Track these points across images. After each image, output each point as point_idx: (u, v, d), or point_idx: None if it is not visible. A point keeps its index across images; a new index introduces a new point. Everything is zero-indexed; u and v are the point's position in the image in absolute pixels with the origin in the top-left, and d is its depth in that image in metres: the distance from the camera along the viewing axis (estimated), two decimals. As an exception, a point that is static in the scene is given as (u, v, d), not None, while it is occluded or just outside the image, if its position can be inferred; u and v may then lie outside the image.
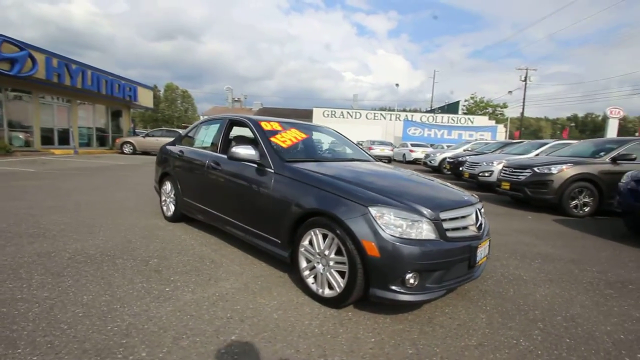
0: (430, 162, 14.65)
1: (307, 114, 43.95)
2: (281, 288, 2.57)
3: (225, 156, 3.39)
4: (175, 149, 4.27)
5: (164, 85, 51.21)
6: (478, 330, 2.11)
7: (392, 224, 2.06)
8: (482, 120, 33.49)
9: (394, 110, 35.92)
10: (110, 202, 5.30)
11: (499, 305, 2.48)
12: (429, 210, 2.15)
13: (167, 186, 4.30)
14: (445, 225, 2.17)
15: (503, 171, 7.36)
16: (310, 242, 2.40)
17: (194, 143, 4.14)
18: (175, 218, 4.19)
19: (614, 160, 6.16)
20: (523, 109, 38.87)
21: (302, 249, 2.45)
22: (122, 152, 16.47)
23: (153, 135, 17.23)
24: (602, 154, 6.43)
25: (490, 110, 46.31)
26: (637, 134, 46.95)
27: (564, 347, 1.98)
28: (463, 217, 2.32)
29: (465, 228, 2.31)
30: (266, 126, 3.28)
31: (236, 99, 51.65)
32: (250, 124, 3.33)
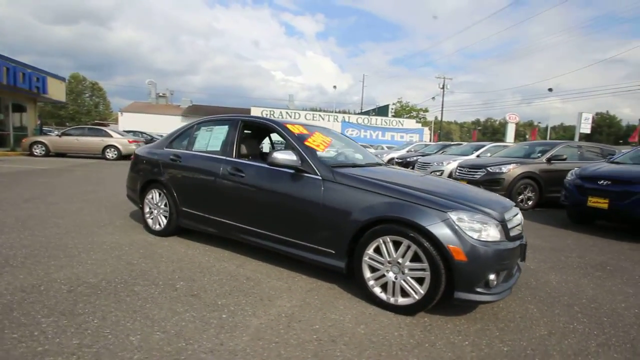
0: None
1: (246, 113, 42.73)
2: (342, 300, 2.45)
3: (245, 162, 3.13)
4: (165, 153, 3.76)
5: (68, 76, 44.42)
6: (539, 320, 2.31)
7: (472, 228, 2.13)
8: (410, 123, 36.42)
9: (332, 111, 36.91)
10: (64, 216, 4.42)
11: (535, 295, 2.74)
12: (497, 212, 2.28)
13: (154, 196, 3.76)
14: (508, 225, 2.32)
15: (459, 170, 8.13)
16: (377, 251, 2.34)
17: (192, 147, 3.68)
18: (167, 232, 3.69)
19: (548, 160, 7.27)
20: (442, 113, 43.41)
21: (366, 258, 2.38)
22: (32, 154, 13.82)
23: (71, 134, 14.78)
24: (539, 155, 7.55)
25: (414, 113, 50.58)
26: (527, 137, 55.96)
27: (607, 325, 2.28)
28: (515, 216, 2.52)
29: (515, 227, 2.50)
30: (294, 129, 3.09)
31: (161, 94, 47.26)
32: (278, 127, 3.12)
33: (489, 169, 7.36)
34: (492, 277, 2.12)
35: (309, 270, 2.94)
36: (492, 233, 2.18)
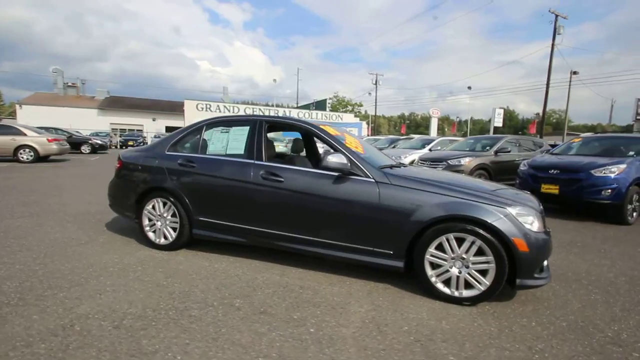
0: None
1: (174, 107, 39.30)
2: (406, 299, 2.53)
3: (283, 165, 2.98)
4: (170, 157, 3.36)
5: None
6: (567, 296, 2.68)
7: (527, 221, 2.38)
8: (349, 118, 37.70)
9: (272, 105, 36.27)
10: (25, 235, 3.67)
11: (560, 277, 3.09)
12: (536, 205, 2.58)
13: (157, 206, 3.35)
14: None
15: (420, 164, 8.76)
16: (439, 248, 2.46)
17: (205, 150, 3.35)
18: (176, 245, 3.33)
19: (496, 153, 8.26)
20: (375, 108, 45.83)
21: (427, 256, 2.49)
22: None
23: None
24: (487, 148, 8.52)
25: (350, 108, 52.45)
26: (447, 131, 62.04)
27: (614, 293, 2.76)
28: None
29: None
30: (331, 131, 3.04)
31: (69, 84, 40.97)
32: (314, 129, 3.03)
33: (449, 161, 8.07)
34: (545, 263, 2.40)
35: (352, 272, 2.95)
36: (538, 224, 2.45)
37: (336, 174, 2.76)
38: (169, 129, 36.82)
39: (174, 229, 3.33)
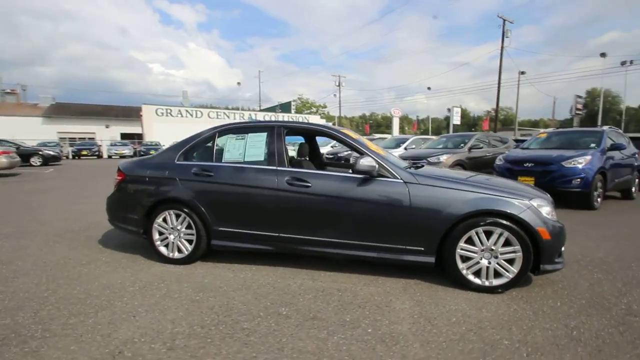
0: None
1: (129, 112, 37.01)
2: (440, 292, 2.64)
3: (309, 171, 3.00)
4: (182, 167, 3.22)
5: None
6: (575, 277, 2.96)
7: (547, 212, 2.61)
8: (315, 119, 37.95)
9: (237, 109, 35.49)
10: (13, 260, 3.32)
11: (571, 260, 3.38)
12: (548, 196, 2.82)
13: (168, 218, 3.20)
14: (553, 206, 2.90)
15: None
16: (469, 241, 2.61)
17: (221, 158, 3.24)
18: (193, 258, 3.21)
19: (469, 149, 8.80)
20: (340, 109, 46.55)
21: (458, 250, 2.63)
22: None
23: None
24: (461, 145, 9.04)
25: (314, 109, 52.78)
26: (407, 129, 64.50)
27: (610, 270, 3.08)
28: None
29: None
30: (352, 135, 3.09)
31: (8, 90, 37.15)
32: (337, 133, 3.08)
33: (429, 159, 8.46)
34: (563, 248, 2.64)
35: (378, 271, 3.02)
36: (554, 214, 2.69)
37: (362, 176, 2.83)
38: (124, 135, 34.73)
39: (189, 242, 3.20)
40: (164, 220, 3.23)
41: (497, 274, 2.60)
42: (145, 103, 30.15)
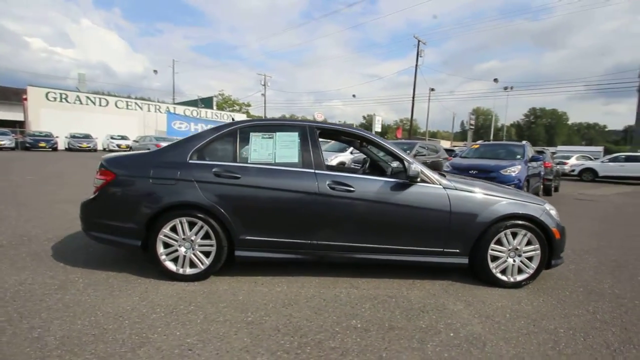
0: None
1: (6, 94, 29.70)
2: (476, 291, 2.83)
3: (352, 175, 2.92)
4: (200, 167, 2.77)
5: None
6: (576, 265, 3.51)
7: (554, 214, 3.03)
8: (241, 118, 36.50)
9: (153, 100, 31.79)
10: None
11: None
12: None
13: (178, 227, 2.73)
14: (547, 210, 3.39)
15: (354, 166, 9.42)
16: (498, 242, 2.88)
17: (246, 157, 2.87)
18: (209, 273, 2.80)
19: (414, 156, 9.62)
20: (265, 110, 45.78)
21: (490, 250, 2.87)
22: None
23: None
24: (408, 152, 9.81)
25: (237, 107, 50.79)
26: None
27: (597, 253, 3.75)
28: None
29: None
30: (384, 140, 3.09)
31: None
32: (373, 137, 3.05)
33: (381, 164, 8.98)
34: (565, 245, 3.11)
35: (409, 273, 3.08)
36: (558, 216, 3.15)
37: (402, 181, 2.87)
38: (2, 122, 27.87)
39: (206, 254, 2.77)
40: (173, 229, 2.73)
41: (520, 271, 2.93)
42: (32, 84, 24.77)
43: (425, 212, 2.84)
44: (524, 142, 8.53)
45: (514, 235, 2.89)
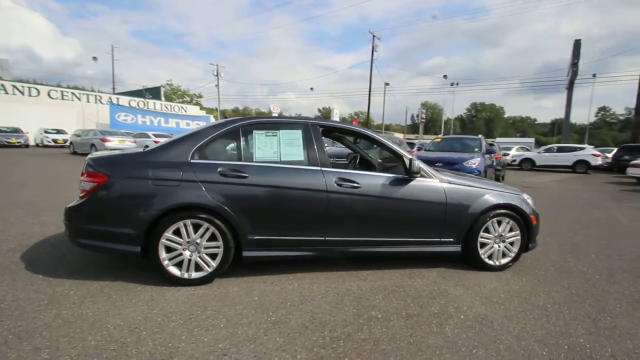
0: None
1: None
2: (468, 276, 3.08)
3: (357, 172, 3.00)
4: (204, 166, 2.66)
5: None
6: (543, 247, 3.94)
7: (531, 203, 3.39)
8: (194, 110, 34.70)
9: (93, 91, 28.91)
10: None
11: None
12: (521, 192, 3.68)
13: (182, 230, 2.61)
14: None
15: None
16: (486, 230, 3.16)
17: (251, 156, 2.80)
18: (214, 275, 2.73)
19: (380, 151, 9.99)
20: (219, 102, 43.94)
21: (479, 238, 3.15)
22: None
23: None
24: (375, 146, 10.15)
25: (187, 99, 48.20)
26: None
27: (573, 228, 4.25)
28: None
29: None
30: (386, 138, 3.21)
31: None
32: (376, 135, 3.15)
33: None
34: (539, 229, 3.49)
35: (404, 264, 3.26)
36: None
37: (402, 176, 3.02)
38: None
39: (212, 256, 2.69)
40: (176, 233, 2.61)
41: (503, 255, 3.25)
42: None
43: (424, 205, 3.02)
44: (479, 135, 9.27)
45: (499, 223, 3.20)
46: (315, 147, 2.93)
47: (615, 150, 17.70)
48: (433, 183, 3.07)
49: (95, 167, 2.61)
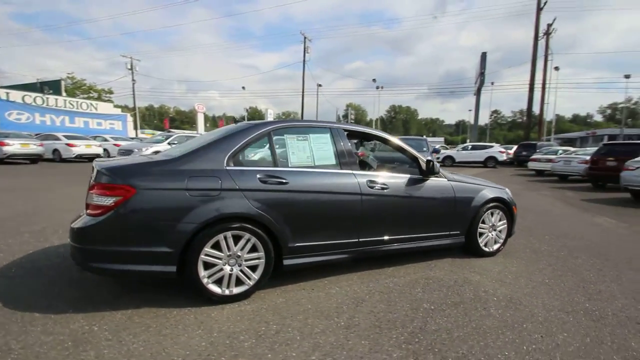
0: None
1: None
2: (473, 262, 3.48)
3: (386, 173, 3.15)
4: (243, 174, 2.50)
5: None
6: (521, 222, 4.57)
7: (511, 195, 3.96)
8: (107, 108, 30.65)
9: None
10: None
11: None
12: (497, 186, 4.26)
13: (222, 244, 2.42)
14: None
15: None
16: (484, 221, 3.61)
17: (286, 161, 2.71)
18: (259, 286, 2.60)
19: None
20: (134, 99, 39.57)
21: (479, 229, 3.58)
22: None
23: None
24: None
25: (95, 94, 42.45)
26: (211, 126, 63.16)
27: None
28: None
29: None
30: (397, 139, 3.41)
31: None
32: (393, 138, 3.29)
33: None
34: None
35: (417, 257, 3.52)
36: (509, 197, 4.11)
37: (418, 177, 3.28)
38: None
39: (252, 268, 2.55)
40: (215, 247, 2.41)
41: (495, 242, 3.74)
42: None
43: (439, 202, 3.32)
44: (424, 136, 10.24)
45: (492, 214, 3.68)
46: (346, 150, 2.98)
47: (515, 147, 21.17)
48: (444, 181, 3.39)
49: (116, 179, 2.25)
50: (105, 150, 16.80)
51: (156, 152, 12.50)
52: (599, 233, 4.93)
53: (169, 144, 13.10)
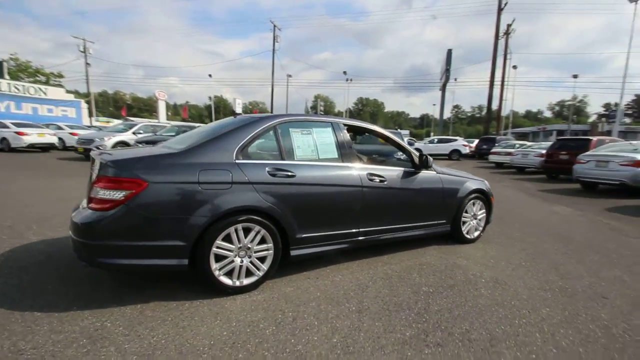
0: (99, 147, 12.33)
1: None
2: (459, 249, 3.76)
3: (382, 167, 3.30)
4: (252, 166, 2.53)
5: None
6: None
7: (489, 186, 4.29)
8: (58, 94, 28.15)
9: None
10: None
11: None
12: (476, 178, 4.59)
13: (233, 236, 2.46)
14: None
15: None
16: (467, 211, 3.90)
17: (292, 154, 2.75)
18: (267, 276, 2.66)
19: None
20: (88, 83, 36.74)
21: (463, 218, 3.87)
22: None
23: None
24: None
25: (43, 77, 38.91)
26: (172, 115, 60.36)
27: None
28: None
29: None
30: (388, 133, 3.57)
31: None
32: (388, 133, 3.42)
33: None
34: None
35: (403, 247, 3.74)
36: (486, 188, 4.45)
37: (411, 169, 3.47)
38: None
39: (261, 259, 2.61)
40: (226, 239, 2.43)
41: (475, 229, 4.06)
42: None
43: (431, 193, 3.55)
44: (398, 129, 10.59)
45: (473, 204, 3.98)
46: (346, 144, 3.09)
47: (476, 141, 22.46)
48: (433, 174, 3.62)
49: (126, 172, 2.19)
50: (60, 139, 15.58)
51: (120, 142, 11.92)
52: (560, 220, 5.48)
53: (134, 133, 12.49)
